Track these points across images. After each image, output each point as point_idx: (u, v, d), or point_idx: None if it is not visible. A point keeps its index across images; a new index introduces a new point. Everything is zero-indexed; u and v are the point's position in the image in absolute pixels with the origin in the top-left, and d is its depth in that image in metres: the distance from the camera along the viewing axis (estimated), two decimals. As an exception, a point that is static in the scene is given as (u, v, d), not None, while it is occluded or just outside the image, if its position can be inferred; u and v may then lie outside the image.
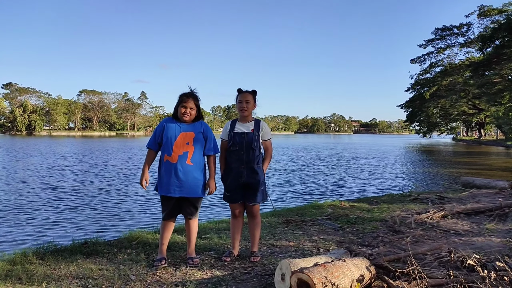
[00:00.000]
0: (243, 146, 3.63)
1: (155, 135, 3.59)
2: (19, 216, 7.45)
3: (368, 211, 6.34)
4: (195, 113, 3.58)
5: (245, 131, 3.68)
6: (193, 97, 3.56)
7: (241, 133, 3.67)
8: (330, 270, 2.81)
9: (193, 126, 3.59)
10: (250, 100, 3.71)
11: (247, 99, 3.70)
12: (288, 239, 4.59)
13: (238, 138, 3.65)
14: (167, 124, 3.56)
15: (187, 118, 3.53)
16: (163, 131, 3.54)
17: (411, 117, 65.22)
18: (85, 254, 3.86)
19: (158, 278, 3.24)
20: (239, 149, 3.64)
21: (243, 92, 3.75)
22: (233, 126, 3.74)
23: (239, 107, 3.72)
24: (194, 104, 3.55)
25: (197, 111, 3.60)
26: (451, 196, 7.97)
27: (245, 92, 3.74)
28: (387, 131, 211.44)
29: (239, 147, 3.64)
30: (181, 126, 3.55)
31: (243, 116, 3.74)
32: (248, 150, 3.63)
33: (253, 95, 3.78)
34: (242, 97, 3.71)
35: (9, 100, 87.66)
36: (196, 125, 3.61)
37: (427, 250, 3.91)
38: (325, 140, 72.29)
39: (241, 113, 3.73)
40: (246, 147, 3.63)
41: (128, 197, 9.62)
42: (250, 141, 3.64)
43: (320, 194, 10.40)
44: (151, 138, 3.62)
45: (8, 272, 3.29)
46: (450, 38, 48.55)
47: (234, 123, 3.77)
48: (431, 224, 5.29)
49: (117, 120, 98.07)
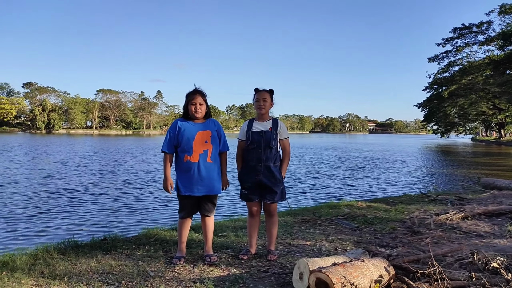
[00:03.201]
0: (261, 145, 3.64)
1: (171, 138, 3.55)
2: (40, 212, 7.62)
3: (385, 211, 6.27)
4: (205, 109, 3.58)
5: (263, 130, 3.69)
6: (199, 93, 3.56)
7: (259, 131, 3.68)
8: (349, 270, 2.79)
9: (207, 124, 3.60)
10: (267, 99, 3.73)
11: (264, 98, 3.73)
12: (305, 238, 4.57)
13: (256, 137, 3.67)
14: (182, 125, 3.55)
15: (199, 114, 3.53)
16: (178, 133, 3.53)
17: (429, 116, 64.14)
18: (104, 250, 3.93)
19: (177, 274, 3.26)
20: (256, 147, 3.65)
21: (260, 91, 3.77)
22: (250, 125, 3.76)
23: (256, 106, 3.74)
24: (202, 100, 3.55)
25: (206, 107, 3.61)
26: (471, 197, 7.81)
27: (262, 91, 3.77)
28: (403, 131, 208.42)
29: (257, 145, 3.65)
30: (196, 125, 3.55)
31: (261, 115, 3.75)
32: (266, 149, 3.64)
33: (270, 94, 3.79)
34: (260, 96, 3.74)
35: (29, 99, 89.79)
36: (209, 123, 3.62)
37: (447, 252, 3.84)
38: (339, 139, 71.74)
39: (258, 111, 3.74)
40: (264, 146, 3.64)
41: (145, 195, 9.74)
42: (268, 140, 3.65)
43: (336, 194, 10.33)
44: (166, 142, 3.57)
45: (31, 266, 3.37)
46: (469, 37, 47.50)
47: (252, 122, 3.79)
48: (450, 226, 5.19)
49: (134, 119, 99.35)
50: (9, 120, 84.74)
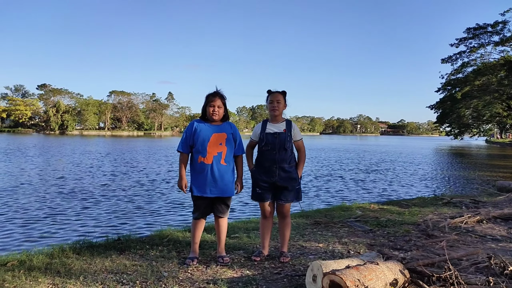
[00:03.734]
0: (276, 146, 3.65)
1: (186, 138, 3.60)
2: (55, 212, 7.73)
3: (399, 214, 6.20)
4: (223, 112, 3.61)
5: (277, 131, 3.69)
6: (219, 96, 3.60)
7: (274, 133, 3.69)
8: (363, 273, 2.76)
9: (223, 127, 3.62)
10: (280, 100, 3.74)
11: (278, 99, 3.73)
12: (317, 240, 4.56)
13: (271, 138, 3.67)
14: (198, 126, 3.58)
15: (216, 117, 3.56)
16: (194, 134, 3.56)
17: (442, 118, 63.21)
18: (118, 250, 3.97)
19: (190, 275, 3.28)
20: (271, 149, 3.65)
21: (274, 93, 3.77)
22: (264, 127, 3.76)
23: (270, 107, 3.74)
24: (221, 103, 3.58)
25: (224, 110, 3.63)
26: (486, 200, 7.69)
27: (275, 92, 3.77)
28: (415, 133, 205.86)
29: (272, 147, 3.65)
30: (211, 127, 3.58)
31: (274, 116, 3.76)
32: (281, 150, 3.64)
33: (283, 95, 3.80)
34: (273, 97, 3.74)
35: (44, 100, 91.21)
36: (225, 126, 3.64)
37: (463, 255, 3.78)
38: (350, 141, 71.25)
39: (272, 113, 3.75)
40: (279, 147, 3.64)
41: (157, 196, 9.81)
42: (283, 141, 3.65)
43: (349, 196, 10.26)
44: (182, 142, 3.62)
45: (47, 265, 3.43)
46: (483, 37, 46.68)
47: (265, 124, 3.79)
48: (465, 229, 5.12)
49: (145, 120, 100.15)
50: (24, 121, 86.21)
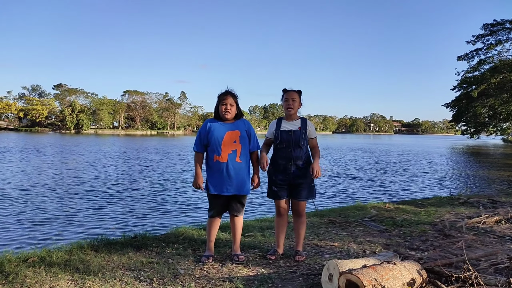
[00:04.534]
0: (291, 144, 3.65)
1: (200, 137, 3.62)
2: (72, 210, 7.87)
3: (414, 214, 6.13)
4: (235, 110, 3.61)
5: (292, 129, 3.70)
6: (231, 95, 3.61)
7: (288, 131, 3.70)
8: (380, 273, 2.75)
9: (236, 124, 3.63)
10: (296, 99, 3.74)
11: (294, 97, 3.73)
12: (332, 239, 4.54)
13: (286, 136, 3.68)
14: (212, 125, 3.60)
15: (229, 115, 3.57)
16: (208, 133, 3.58)
17: (457, 117, 62.11)
18: (135, 248, 4.03)
19: (206, 273, 3.31)
20: (286, 146, 3.66)
21: (289, 91, 3.78)
22: (279, 124, 3.77)
23: (285, 106, 3.74)
24: (233, 101, 3.59)
25: (237, 108, 3.64)
26: (504, 200, 7.54)
27: (291, 91, 3.78)
28: (430, 132, 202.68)
29: (286, 144, 3.66)
30: (225, 125, 3.59)
31: (289, 114, 3.76)
32: (296, 148, 3.65)
33: (299, 94, 3.80)
34: (288, 96, 3.75)
35: (59, 100, 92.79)
36: (239, 123, 3.65)
37: (481, 256, 3.73)
38: (364, 140, 70.61)
39: (287, 111, 3.75)
40: (294, 145, 3.65)
41: (172, 195, 9.90)
42: (298, 139, 3.65)
43: (363, 195, 10.18)
44: (197, 141, 3.65)
45: (66, 262, 3.50)
46: (501, 34, 45.75)
47: (280, 121, 3.80)
48: (483, 229, 5.03)
49: (158, 119, 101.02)
50: (41, 121, 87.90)
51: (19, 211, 7.65)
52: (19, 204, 8.26)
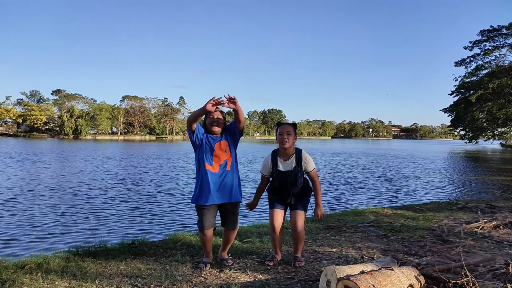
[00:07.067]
0: (288, 183, 3.68)
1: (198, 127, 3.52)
2: (70, 216, 7.84)
3: (413, 219, 6.13)
4: (222, 123, 3.57)
5: (288, 170, 3.67)
6: (219, 110, 3.55)
7: (285, 171, 3.68)
8: (378, 279, 2.74)
9: (222, 136, 3.59)
10: (290, 132, 3.64)
11: (288, 131, 3.64)
12: (331, 245, 4.53)
13: (282, 176, 3.68)
14: (203, 131, 3.55)
15: (216, 130, 3.53)
16: (202, 137, 3.51)
17: (456, 121, 62.37)
18: (133, 254, 4.02)
19: (203, 279, 3.30)
20: (284, 185, 3.70)
21: (284, 124, 3.71)
22: (275, 162, 3.72)
23: (280, 139, 3.64)
24: (221, 116, 3.56)
25: (224, 123, 3.60)
26: (503, 205, 7.55)
27: (285, 124, 3.70)
28: (429, 136, 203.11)
29: (284, 184, 3.69)
30: (214, 138, 3.54)
31: (284, 149, 3.65)
32: (294, 187, 3.69)
33: (294, 127, 3.72)
34: (283, 129, 3.65)
35: (58, 105, 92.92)
36: (225, 134, 3.60)
37: (480, 261, 3.73)
38: (363, 146, 70.69)
39: (282, 145, 3.64)
40: (291, 184, 3.68)
41: (170, 200, 9.88)
42: (294, 179, 3.66)
43: (361, 201, 10.18)
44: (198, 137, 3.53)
45: (63, 269, 3.49)
46: (498, 39, 46.09)
47: (276, 159, 3.73)
48: (482, 234, 5.03)
49: (157, 124, 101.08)
50: (39, 126, 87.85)
51: (16, 217, 7.61)
52: (16, 210, 8.22)
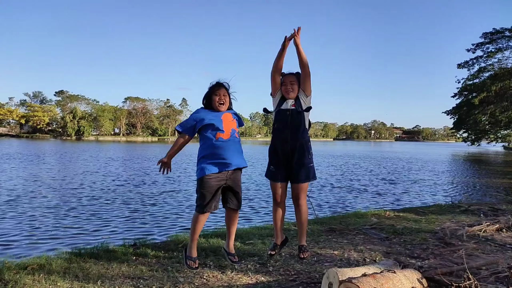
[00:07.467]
0: (288, 126, 3.53)
1: (193, 120, 3.46)
2: (72, 217, 7.86)
3: (415, 222, 6.12)
4: (228, 100, 3.54)
5: (289, 108, 3.56)
6: (223, 86, 3.54)
7: (285, 110, 3.55)
8: (380, 281, 2.74)
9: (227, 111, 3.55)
10: (294, 82, 3.59)
11: (291, 80, 3.59)
12: (333, 247, 4.53)
13: (283, 116, 3.56)
14: (204, 113, 3.47)
15: (223, 106, 3.48)
16: (204, 118, 3.42)
17: (458, 124, 62.19)
18: (135, 255, 4.02)
19: (205, 281, 3.30)
20: (283, 127, 3.55)
21: (287, 75, 3.63)
22: (280, 104, 3.64)
23: (284, 90, 3.59)
24: (226, 92, 3.53)
25: (229, 100, 3.57)
26: (506, 208, 7.52)
27: (288, 74, 3.63)
28: (431, 139, 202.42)
29: (283, 125, 3.55)
30: (217, 112, 3.48)
31: (289, 98, 3.59)
32: (297, 132, 3.53)
33: (297, 76, 3.63)
34: (287, 79, 3.60)
35: (61, 106, 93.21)
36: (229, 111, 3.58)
37: (482, 265, 3.71)
38: (365, 148, 70.57)
39: (287, 95, 3.59)
40: (292, 127, 3.53)
41: (172, 202, 9.89)
42: (297, 121, 3.53)
43: (363, 203, 10.15)
44: (188, 123, 3.47)
45: (66, 270, 3.49)
46: (501, 42, 45.98)
47: (281, 103, 3.64)
48: (484, 237, 5.02)
49: (159, 126, 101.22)
50: (42, 127, 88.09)
51: (18, 218, 7.63)
52: (18, 211, 8.25)
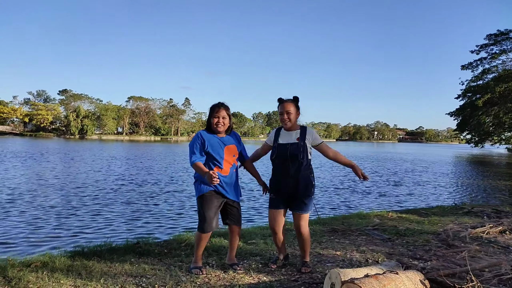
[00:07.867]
0: (287, 158, 3.46)
1: (200, 149, 3.45)
2: (76, 215, 7.89)
3: (418, 223, 6.11)
4: (228, 122, 3.54)
5: (289, 142, 3.50)
6: (224, 107, 3.51)
7: (285, 144, 3.50)
8: (383, 282, 2.73)
9: (231, 138, 3.59)
10: (291, 110, 3.48)
11: (288, 110, 3.47)
12: (335, 248, 4.52)
13: (283, 149, 3.49)
14: (207, 138, 3.48)
15: (221, 128, 3.49)
16: (207, 146, 3.46)
17: (462, 125, 61.94)
18: (137, 254, 4.04)
19: (208, 280, 3.30)
20: (283, 160, 3.48)
21: (284, 103, 3.50)
22: (277, 135, 3.60)
23: (281, 119, 3.50)
24: (226, 114, 3.51)
25: (229, 120, 3.56)
26: (509, 210, 7.49)
27: (285, 103, 3.50)
28: (434, 140, 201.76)
29: (283, 159, 3.48)
30: (221, 140, 3.51)
31: (286, 129, 3.57)
32: (295, 162, 3.46)
33: (295, 103, 3.54)
34: (283, 108, 3.49)
35: (64, 105, 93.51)
36: (232, 137, 3.61)
37: (485, 267, 3.70)
38: (367, 149, 70.43)
39: (284, 125, 3.55)
40: (291, 158, 3.45)
41: (175, 201, 9.91)
42: (295, 153, 3.45)
43: (366, 204, 10.14)
44: (195, 153, 3.44)
45: (69, 268, 3.51)
46: (505, 43, 45.81)
47: (279, 132, 3.63)
48: (487, 239, 5.00)
49: (162, 125, 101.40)
50: (45, 126, 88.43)
51: (22, 216, 7.67)
52: (23, 209, 8.29)
